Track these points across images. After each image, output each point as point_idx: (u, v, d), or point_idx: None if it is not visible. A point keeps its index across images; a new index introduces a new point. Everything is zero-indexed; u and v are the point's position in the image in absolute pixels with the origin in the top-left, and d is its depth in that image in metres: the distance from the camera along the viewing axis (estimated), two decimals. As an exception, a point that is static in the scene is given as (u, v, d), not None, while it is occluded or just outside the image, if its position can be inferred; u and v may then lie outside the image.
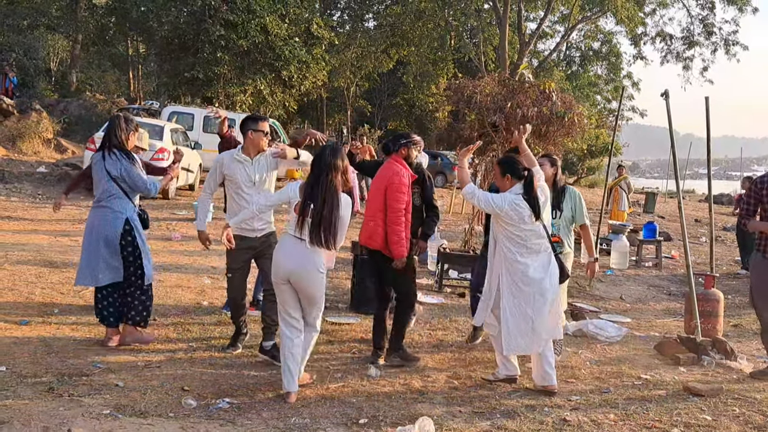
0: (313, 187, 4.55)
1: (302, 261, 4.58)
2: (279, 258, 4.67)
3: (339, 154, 4.63)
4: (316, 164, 4.61)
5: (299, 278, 4.60)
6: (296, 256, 4.58)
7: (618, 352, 6.47)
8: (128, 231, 5.41)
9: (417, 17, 32.03)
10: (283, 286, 4.67)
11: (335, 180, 4.56)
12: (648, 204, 24.91)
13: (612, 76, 41.52)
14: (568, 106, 9.87)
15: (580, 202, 5.89)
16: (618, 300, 9.29)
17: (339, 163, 4.59)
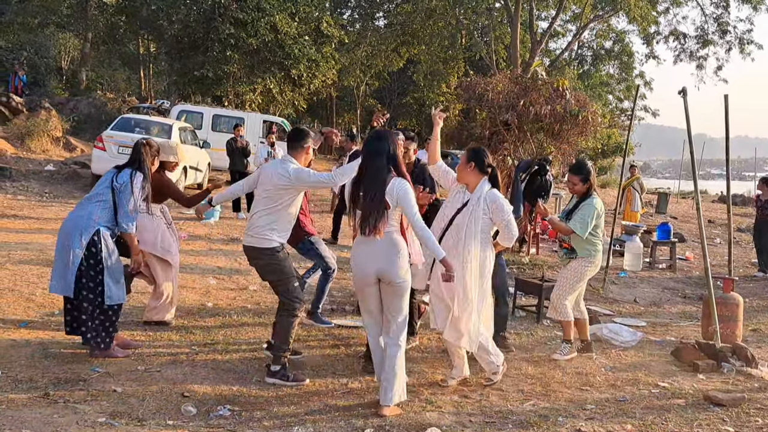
0: (368, 176, 4.45)
1: (391, 255, 4.44)
2: (359, 259, 4.53)
3: (388, 138, 4.54)
4: (365, 151, 4.55)
5: (394, 277, 4.44)
6: (382, 251, 4.43)
7: (633, 357, 6.27)
8: (95, 243, 5.03)
9: (427, 16, 31.77)
10: (368, 289, 4.56)
11: (382, 164, 4.44)
12: (660, 204, 24.61)
13: (624, 75, 41.15)
14: (582, 104, 9.67)
15: (587, 210, 5.85)
16: (632, 303, 9.07)
17: (389, 147, 4.49)
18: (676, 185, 39.66)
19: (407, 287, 4.54)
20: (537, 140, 10.03)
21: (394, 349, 4.52)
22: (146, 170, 5.33)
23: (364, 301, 4.66)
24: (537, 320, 7.43)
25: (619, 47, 39.71)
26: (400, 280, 4.44)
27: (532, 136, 9.88)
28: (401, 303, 4.52)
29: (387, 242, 4.43)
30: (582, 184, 5.93)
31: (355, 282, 4.65)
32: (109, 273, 5.07)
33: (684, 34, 34.26)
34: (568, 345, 6.05)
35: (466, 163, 5.05)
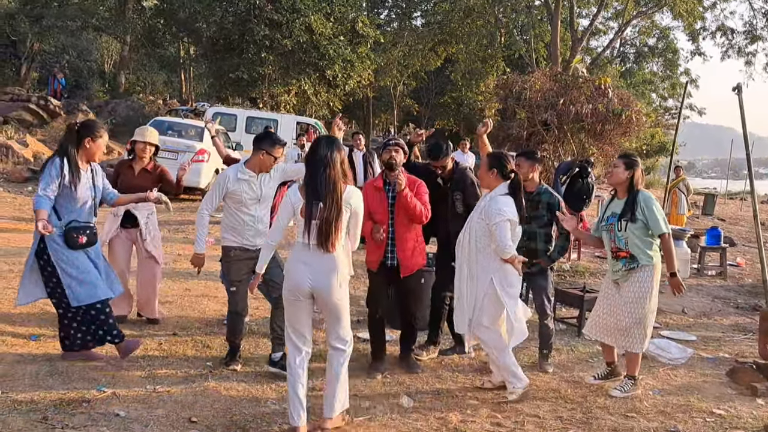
0: (314, 185, 3.99)
1: (324, 270, 4.02)
2: (296, 271, 4.08)
3: (334, 146, 4.07)
4: (311, 159, 4.06)
5: (323, 291, 4.03)
6: (316, 265, 4.02)
7: (684, 378, 5.76)
8: (43, 249, 4.82)
9: (466, 14, 31.29)
10: (299, 303, 4.11)
11: (334, 174, 3.98)
12: (707, 206, 23.74)
13: (668, 72, 40.08)
14: (626, 103, 9.14)
15: (651, 205, 5.05)
16: (679, 314, 8.51)
17: (336, 156, 4.02)
18: (721, 185, 38.49)
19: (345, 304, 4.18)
20: (578, 141, 9.51)
21: (341, 355, 4.18)
22: (68, 154, 4.85)
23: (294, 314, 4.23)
24: (578, 334, 6.95)
25: (663, 44, 38.66)
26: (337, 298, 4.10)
27: (572, 137, 9.39)
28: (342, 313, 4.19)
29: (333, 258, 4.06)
30: (624, 170, 5.10)
31: (286, 293, 4.19)
32: (66, 273, 4.81)
33: (732, 30, 33.23)
34: (631, 381, 5.23)
35: (488, 170, 4.90)
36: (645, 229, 5.02)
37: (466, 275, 4.89)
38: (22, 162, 16.51)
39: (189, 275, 8.08)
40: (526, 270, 5.41)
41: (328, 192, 3.94)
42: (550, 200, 5.56)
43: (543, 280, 5.64)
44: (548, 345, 5.73)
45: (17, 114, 22.00)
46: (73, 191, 4.83)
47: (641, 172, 5.17)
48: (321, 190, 3.94)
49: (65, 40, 30.94)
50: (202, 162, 14.38)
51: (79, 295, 4.83)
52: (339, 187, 3.97)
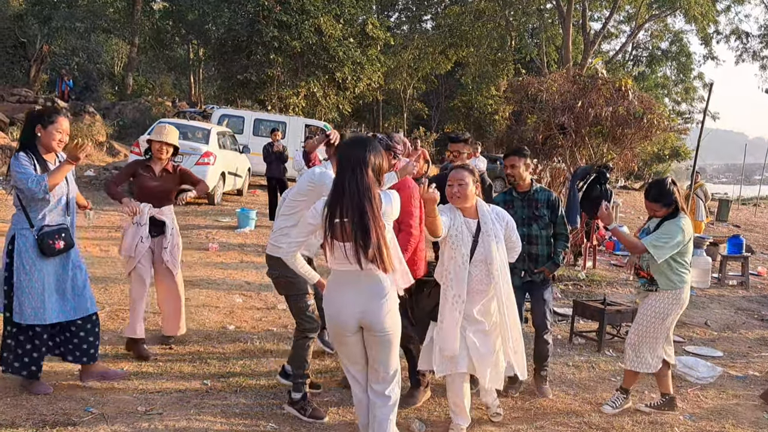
0: (342, 193, 3.31)
1: (377, 299, 3.40)
2: (341, 302, 3.44)
3: (369, 146, 3.37)
4: (341, 163, 3.38)
5: (374, 321, 3.41)
6: (366, 294, 3.40)
7: (715, 400, 5.38)
8: (9, 252, 4.36)
9: (476, 17, 31.02)
10: (352, 338, 3.50)
11: (367, 177, 3.30)
12: (721, 212, 23.31)
13: (681, 76, 39.60)
14: (647, 105, 8.76)
15: (669, 227, 4.59)
16: (703, 327, 8.11)
17: (370, 158, 3.34)
18: (732, 190, 37.95)
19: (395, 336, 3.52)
20: (595, 145, 9.15)
21: (385, 410, 3.53)
22: (29, 146, 4.39)
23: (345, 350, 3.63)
24: (598, 349, 6.58)
25: (676, 48, 38.21)
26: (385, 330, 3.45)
27: (590, 141, 9.01)
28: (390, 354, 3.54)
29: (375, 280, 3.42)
30: (665, 210, 4.67)
31: (331, 329, 3.59)
32: (19, 285, 4.34)
33: (747, 33, 32.80)
34: (622, 396, 4.92)
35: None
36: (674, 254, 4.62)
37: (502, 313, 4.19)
38: (26, 164, 16.27)
39: (189, 284, 7.74)
40: (527, 278, 5.05)
41: (362, 199, 3.27)
42: (550, 197, 5.10)
43: (547, 291, 5.13)
44: (545, 366, 5.21)
45: (24, 116, 21.78)
46: None
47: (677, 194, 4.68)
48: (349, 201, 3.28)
49: (75, 42, 30.83)
50: (208, 165, 14.07)
51: (22, 312, 4.33)
52: (377, 196, 3.33)
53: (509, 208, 4.94)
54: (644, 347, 4.76)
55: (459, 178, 4.15)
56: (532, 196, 5.07)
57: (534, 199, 5.06)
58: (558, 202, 5.12)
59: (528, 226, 5.02)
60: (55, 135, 4.40)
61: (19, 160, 4.30)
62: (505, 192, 5.22)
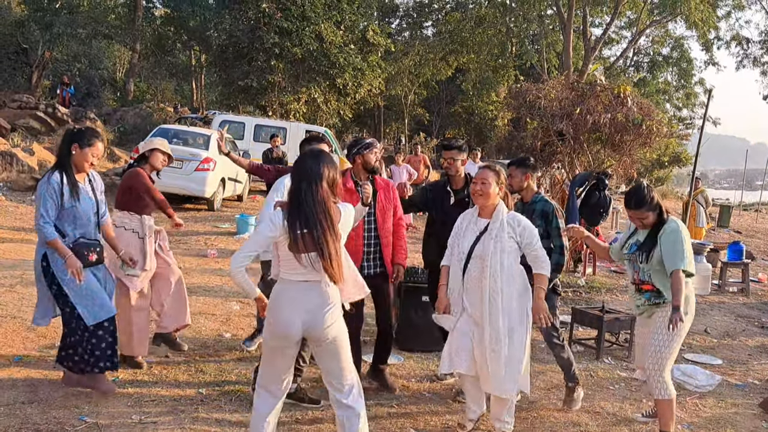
0: (299, 205, 3.36)
1: (322, 309, 3.42)
2: (290, 313, 3.40)
3: (323, 161, 3.45)
4: (295, 176, 3.45)
5: (324, 335, 3.43)
6: (313, 305, 3.41)
7: (714, 408, 5.35)
8: (46, 268, 4.42)
9: (477, 24, 31.06)
10: (289, 351, 3.49)
11: (322, 191, 3.37)
12: (722, 218, 23.28)
13: (683, 82, 39.60)
14: (646, 112, 8.73)
15: (673, 236, 4.34)
16: (702, 334, 8.08)
17: (324, 171, 3.41)
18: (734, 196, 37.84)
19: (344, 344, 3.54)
20: (594, 152, 9.13)
21: (353, 422, 3.52)
22: (64, 165, 4.44)
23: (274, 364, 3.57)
24: (597, 357, 6.55)
25: (677, 53, 38.23)
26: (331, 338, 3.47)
27: (589, 148, 8.99)
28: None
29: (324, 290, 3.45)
30: (653, 215, 4.44)
31: (274, 340, 3.51)
32: (75, 293, 4.39)
33: (747, 39, 32.83)
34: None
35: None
36: None
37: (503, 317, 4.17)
38: (27, 170, 16.26)
39: (188, 291, 7.74)
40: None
41: (319, 213, 3.34)
42: (544, 207, 4.98)
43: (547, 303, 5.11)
44: (572, 376, 5.09)
45: (25, 122, 21.81)
46: (74, 211, 4.40)
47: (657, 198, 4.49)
48: (309, 213, 3.33)
49: (76, 48, 30.91)
50: (208, 171, 14.08)
51: (95, 312, 4.43)
52: (332, 208, 3.40)
53: None
54: (664, 373, 4.43)
55: (483, 177, 4.30)
56: (529, 207, 5.02)
57: (530, 210, 4.99)
58: (552, 212, 4.96)
59: None
60: (89, 158, 4.46)
61: (50, 187, 4.33)
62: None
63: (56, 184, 4.33)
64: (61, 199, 4.33)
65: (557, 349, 5.07)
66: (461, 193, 5.24)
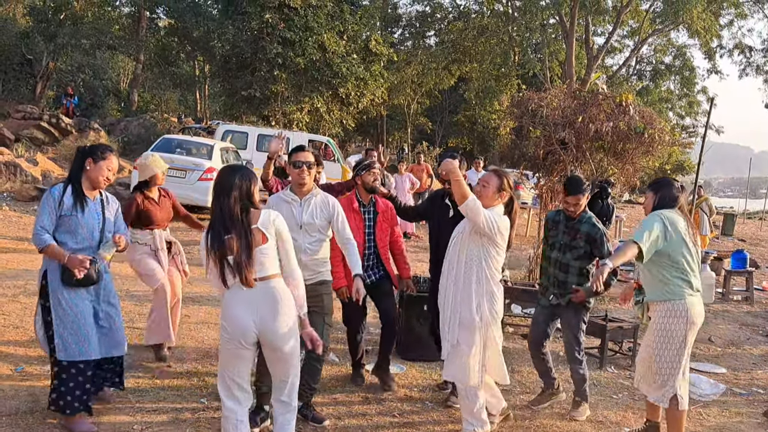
0: (223, 217, 3.51)
1: (272, 309, 3.53)
2: (236, 315, 3.52)
3: (237, 174, 3.59)
4: (216, 189, 3.61)
5: (269, 333, 3.54)
6: (256, 304, 3.52)
7: (718, 417, 5.32)
8: (44, 287, 4.27)
9: (480, 33, 31.16)
10: (245, 352, 3.58)
11: (232, 199, 3.52)
12: (726, 226, 23.26)
13: (685, 91, 39.58)
14: (648, 120, 8.72)
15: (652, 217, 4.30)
16: (706, 342, 8.05)
17: (237, 182, 3.54)
18: (738, 204, 37.80)
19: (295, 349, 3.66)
20: (597, 160, 9.12)
21: (291, 415, 3.76)
22: (73, 179, 4.36)
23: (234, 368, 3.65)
24: (600, 366, 6.53)
25: (679, 62, 38.24)
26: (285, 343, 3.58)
27: (591, 156, 8.98)
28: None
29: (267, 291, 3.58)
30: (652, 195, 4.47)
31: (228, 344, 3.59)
32: (60, 320, 4.20)
33: (750, 47, 32.85)
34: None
35: (498, 191, 4.44)
36: (657, 255, 4.25)
37: (453, 299, 4.41)
38: (30, 180, 16.32)
39: (189, 300, 7.75)
40: (555, 302, 5.01)
41: (234, 222, 3.50)
42: (591, 232, 4.92)
43: (574, 317, 5.03)
44: (582, 392, 5.10)
45: (29, 132, 21.91)
46: (75, 221, 4.25)
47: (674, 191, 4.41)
48: (227, 221, 3.50)
49: (80, 58, 31.02)
50: (211, 180, 14.10)
51: (70, 349, 4.20)
52: (242, 215, 3.53)
53: (553, 228, 5.11)
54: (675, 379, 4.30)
55: (486, 179, 4.48)
56: (575, 225, 5.00)
57: (575, 228, 4.98)
58: (602, 238, 4.90)
59: (563, 253, 4.99)
60: (104, 171, 4.37)
61: (49, 196, 4.25)
62: (558, 211, 5.25)
63: (56, 193, 4.26)
64: (60, 208, 4.23)
65: (576, 363, 5.08)
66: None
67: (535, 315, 5.28)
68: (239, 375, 3.62)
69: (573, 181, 5.04)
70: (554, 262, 5.03)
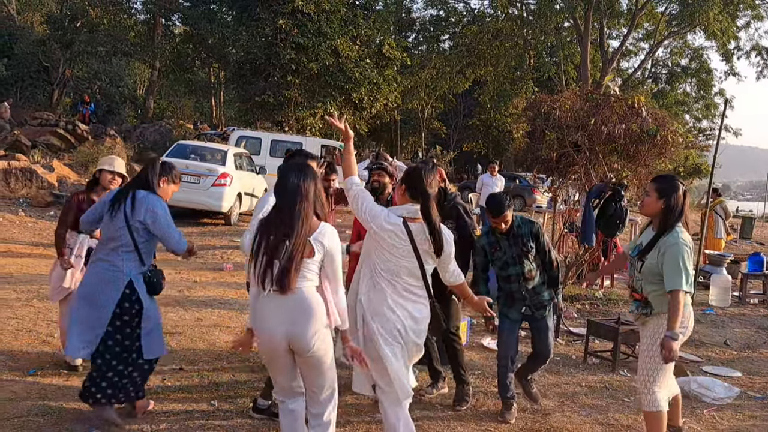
0: (282, 219, 3.41)
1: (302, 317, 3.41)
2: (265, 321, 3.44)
3: (309, 175, 3.48)
4: (281, 191, 3.50)
5: (299, 340, 3.41)
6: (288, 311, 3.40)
7: (731, 421, 5.26)
8: (127, 296, 4.29)
9: (494, 36, 31.08)
10: (283, 359, 3.51)
11: (307, 209, 3.42)
12: (745, 229, 23.03)
13: (702, 93, 39.21)
14: (661, 122, 8.64)
15: (676, 253, 3.98)
16: (722, 346, 7.95)
17: (310, 187, 3.46)
18: (758, 207, 37.40)
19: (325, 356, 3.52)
20: (610, 163, 9.05)
21: (322, 429, 3.59)
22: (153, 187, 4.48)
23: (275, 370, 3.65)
24: (612, 369, 6.48)
25: (696, 64, 37.91)
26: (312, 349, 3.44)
27: (604, 159, 8.91)
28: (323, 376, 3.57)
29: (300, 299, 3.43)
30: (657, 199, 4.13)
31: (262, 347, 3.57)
32: (147, 332, 4.37)
33: (767, 49, 32.55)
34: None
35: (400, 185, 4.07)
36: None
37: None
38: (46, 187, 16.46)
39: (202, 303, 7.78)
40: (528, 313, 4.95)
41: (298, 228, 3.37)
42: (532, 228, 4.90)
43: (549, 319, 5.02)
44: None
45: (45, 139, 22.12)
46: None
47: (681, 198, 4.10)
48: (292, 225, 3.37)
49: (96, 65, 31.35)
50: (225, 186, 14.18)
51: (155, 348, 4.41)
52: (310, 223, 3.42)
53: (496, 251, 4.94)
54: (654, 386, 4.14)
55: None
56: (516, 232, 4.90)
57: (519, 234, 4.89)
58: (539, 229, 4.92)
59: (520, 264, 4.89)
60: (169, 195, 4.63)
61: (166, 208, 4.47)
62: (487, 232, 5.05)
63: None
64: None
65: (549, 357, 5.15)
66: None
67: (506, 330, 5.01)
68: (289, 380, 3.60)
69: (494, 202, 4.85)
70: (516, 277, 4.91)
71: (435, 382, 5.39)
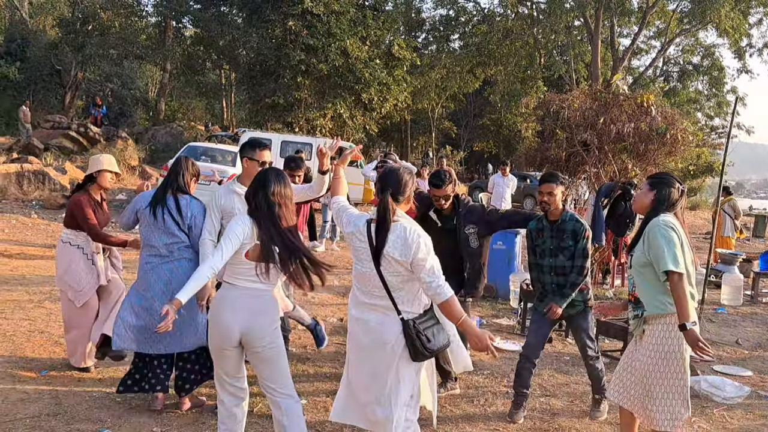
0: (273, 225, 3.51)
1: (262, 316, 3.56)
2: (227, 318, 3.51)
3: (282, 181, 3.59)
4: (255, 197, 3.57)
5: (259, 340, 3.54)
6: (252, 311, 3.52)
7: (741, 420, 5.23)
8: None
9: (504, 36, 31.03)
10: (229, 352, 3.61)
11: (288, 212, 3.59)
12: (758, 228, 22.87)
13: (714, 91, 38.96)
14: (670, 121, 8.63)
15: (657, 233, 3.66)
16: (733, 345, 7.92)
17: (286, 192, 3.58)
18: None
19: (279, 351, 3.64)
20: (619, 161, 9.04)
21: (295, 405, 3.69)
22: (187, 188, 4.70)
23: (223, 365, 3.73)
24: (622, 369, 6.45)
25: (708, 62, 37.69)
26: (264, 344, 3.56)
27: (614, 157, 8.90)
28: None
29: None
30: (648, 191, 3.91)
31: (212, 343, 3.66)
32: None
33: (779, 47, 32.36)
34: None
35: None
36: (653, 267, 3.72)
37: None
38: (58, 189, 16.62)
39: (213, 305, 7.82)
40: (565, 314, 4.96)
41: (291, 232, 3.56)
42: (575, 228, 4.85)
43: (583, 320, 5.03)
44: (600, 389, 5.03)
45: (58, 141, 22.33)
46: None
47: (674, 193, 3.83)
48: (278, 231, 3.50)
49: (108, 68, 31.56)
50: (235, 187, 14.25)
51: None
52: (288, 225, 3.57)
53: (539, 237, 4.98)
54: (678, 404, 3.73)
55: None
56: (560, 226, 4.91)
57: (561, 229, 4.90)
58: (582, 232, 4.84)
59: (555, 257, 4.91)
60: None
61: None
62: (538, 218, 5.07)
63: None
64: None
65: (593, 360, 5.06)
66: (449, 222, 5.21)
67: (537, 322, 5.04)
68: (232, 371, 3.70)
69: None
70: (548, 268, 4.94)
71: (444, 381, 5.40)
